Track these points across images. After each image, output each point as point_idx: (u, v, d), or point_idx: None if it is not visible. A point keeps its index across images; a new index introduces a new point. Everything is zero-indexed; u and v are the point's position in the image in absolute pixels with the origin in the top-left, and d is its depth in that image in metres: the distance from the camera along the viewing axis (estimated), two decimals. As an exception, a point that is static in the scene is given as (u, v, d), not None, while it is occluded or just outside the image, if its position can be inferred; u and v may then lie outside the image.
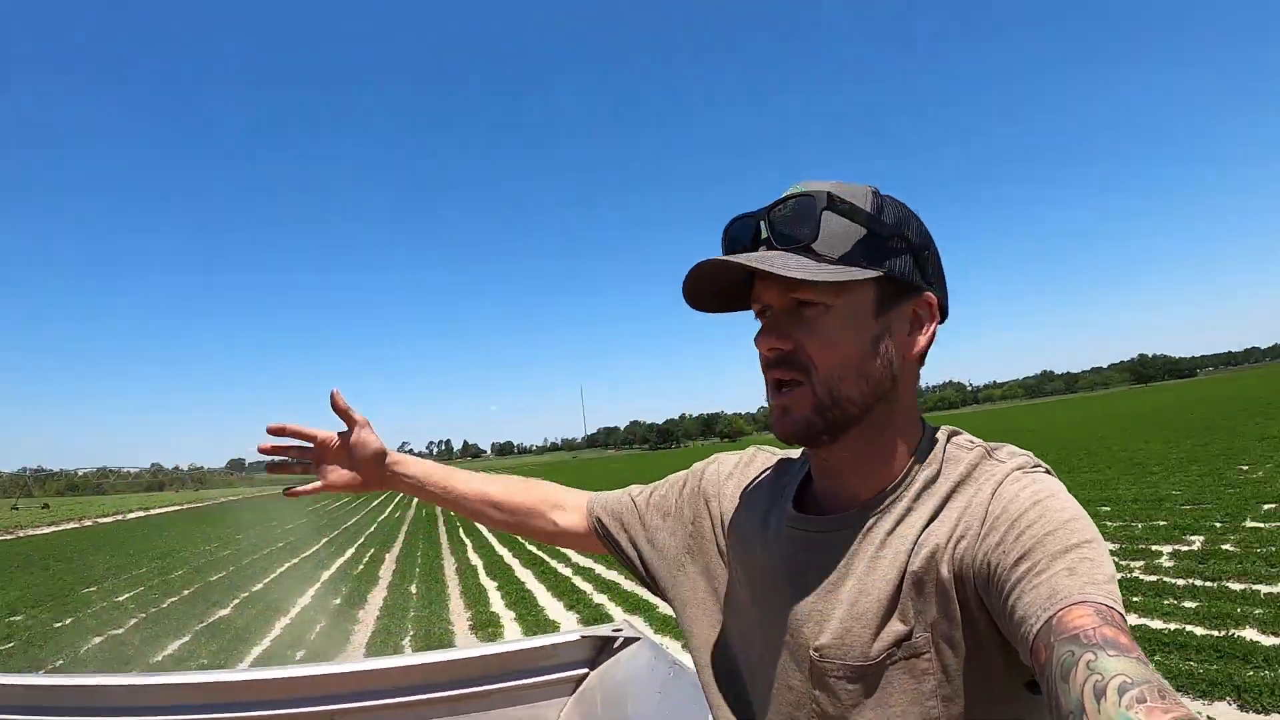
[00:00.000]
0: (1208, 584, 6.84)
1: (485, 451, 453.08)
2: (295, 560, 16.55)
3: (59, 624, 10.62)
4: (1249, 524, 9.00)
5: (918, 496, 0.91)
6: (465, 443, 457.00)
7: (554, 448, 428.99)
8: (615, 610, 8.73)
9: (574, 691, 2.15)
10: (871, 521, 0.92)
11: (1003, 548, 0.78)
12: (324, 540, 20.86)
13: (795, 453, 1.14)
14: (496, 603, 10.04)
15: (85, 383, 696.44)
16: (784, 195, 0.91)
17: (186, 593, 12.84)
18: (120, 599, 12.70)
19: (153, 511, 55.52)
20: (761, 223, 0.92)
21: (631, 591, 9.63)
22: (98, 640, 9.33)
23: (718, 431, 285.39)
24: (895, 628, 0.86)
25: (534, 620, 8.62)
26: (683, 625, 1.16)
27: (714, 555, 1.14)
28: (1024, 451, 0.92)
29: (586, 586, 10.38)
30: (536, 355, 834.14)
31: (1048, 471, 0.89)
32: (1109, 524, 10.17)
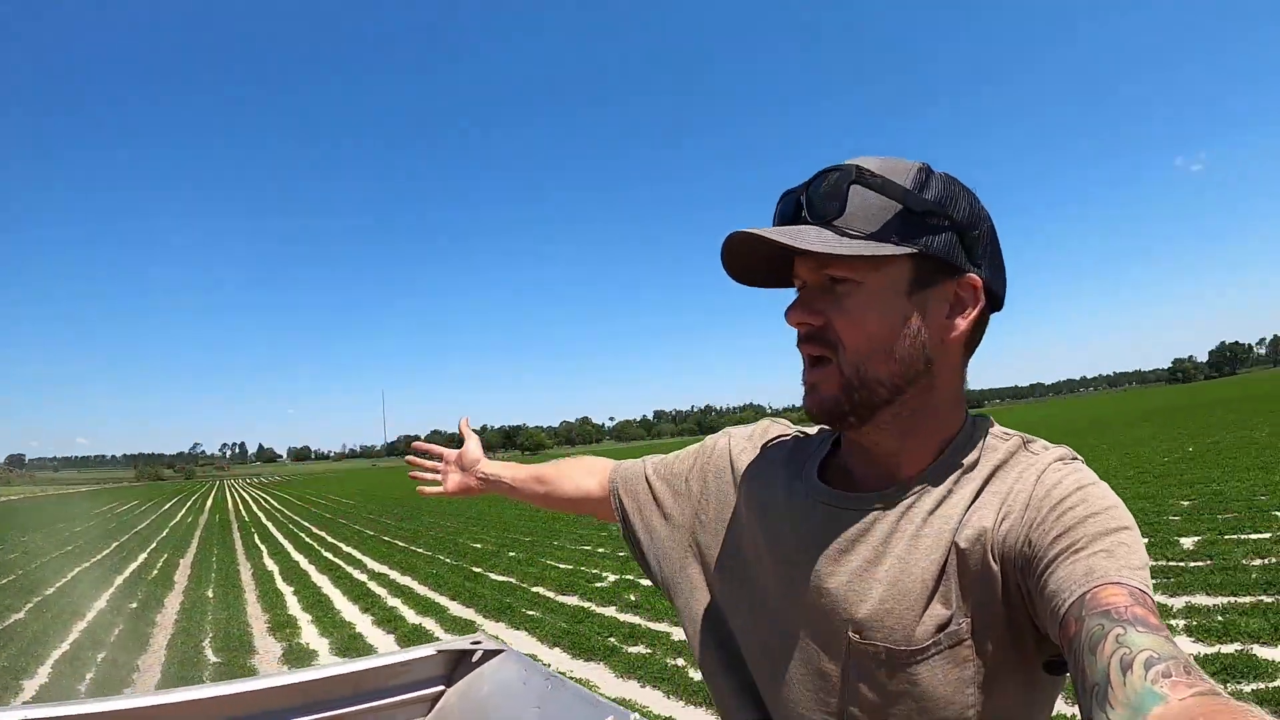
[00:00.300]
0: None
1: (281, 456, 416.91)
2: (86, 564, 15.49)
3: None
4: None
5: (958, 480, 0.85)
6: (260, 446, 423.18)
7: (353, 454, 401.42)
8: (408, 613, 9.01)
9: (429, 712, 1.96)
10: (910, 501, 0.85)
11: (1044, 527, 0.75)
12: (115, 544, 19.52)
13: (813, 428, 1.06)
14: (294, 606, 10.02)
15: None
16: (821, 170, 0.86)
17: (-26, 597, 11.82)
18: (-97, 603, 11.46)
19: (-79, 510, 49.20)
20: (801, 198, 0.86)
21: (425, 596, 9.91)
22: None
23: (518, 444, 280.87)
24: (937, 610, 0.80)
25: (330, 622, 8.74)
26: (684, 609, 1.08)
27: (718, 535, 1.05)
28: (1059, 444, 0.88)
29: (381, 591, 10.57)
30: (336, 357, 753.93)
31: (1084, 464, 0.85)
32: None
